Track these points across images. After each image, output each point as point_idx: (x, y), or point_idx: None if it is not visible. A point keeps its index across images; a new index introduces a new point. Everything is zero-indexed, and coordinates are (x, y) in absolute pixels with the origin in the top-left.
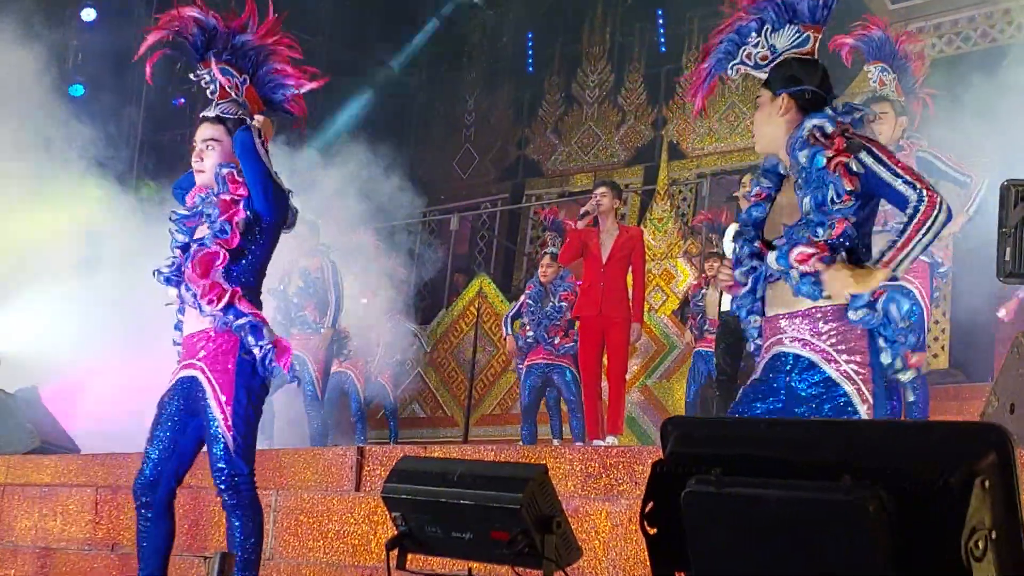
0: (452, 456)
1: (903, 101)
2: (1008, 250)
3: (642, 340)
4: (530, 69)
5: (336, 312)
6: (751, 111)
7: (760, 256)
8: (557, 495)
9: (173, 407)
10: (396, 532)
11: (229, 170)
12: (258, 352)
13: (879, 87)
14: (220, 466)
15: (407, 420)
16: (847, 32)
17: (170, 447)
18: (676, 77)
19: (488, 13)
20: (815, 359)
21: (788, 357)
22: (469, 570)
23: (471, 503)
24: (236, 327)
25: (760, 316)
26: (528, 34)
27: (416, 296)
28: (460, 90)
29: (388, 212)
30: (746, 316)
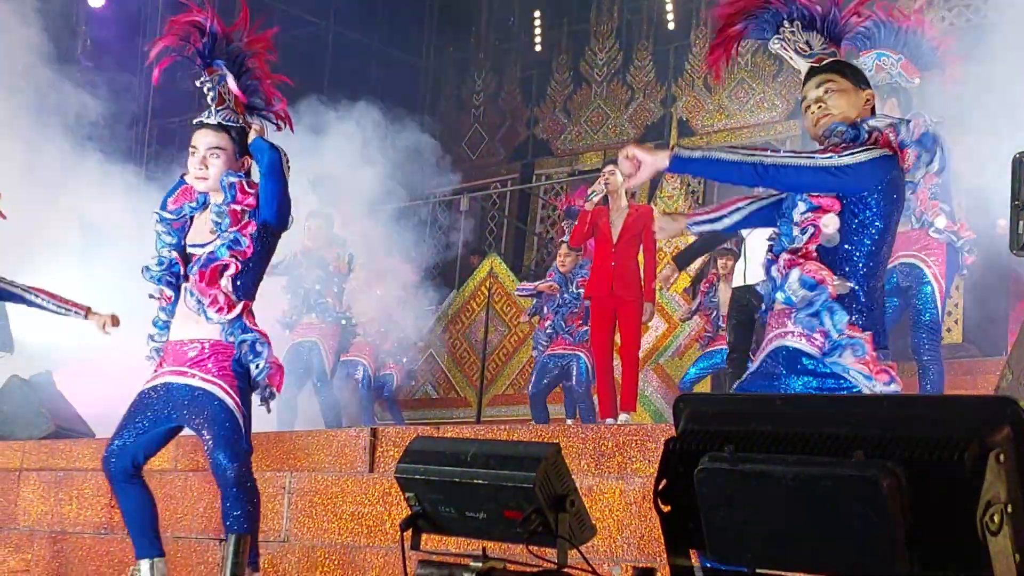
0: (465, 436)
1: (916, 82)
2: (1021, 223)
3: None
4: (538, 48)
5: (349, 301)
6: (760, 87)
7: None
8: (570, 474)
9: (159, 404)
10: (410, 512)
11: (238, 180)
12: (254, 370)
13: (875, 74)
14: (230, 438)
15: (420, 401)
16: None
17: (143, 434)
18: (687, 51)
19: None
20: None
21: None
22: (484, 549)
23: (484, 482)
24: (239, 341)
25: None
26: (535, 13)
27: (427, 278)
28: (468, 70)
29: (397, 193)
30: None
